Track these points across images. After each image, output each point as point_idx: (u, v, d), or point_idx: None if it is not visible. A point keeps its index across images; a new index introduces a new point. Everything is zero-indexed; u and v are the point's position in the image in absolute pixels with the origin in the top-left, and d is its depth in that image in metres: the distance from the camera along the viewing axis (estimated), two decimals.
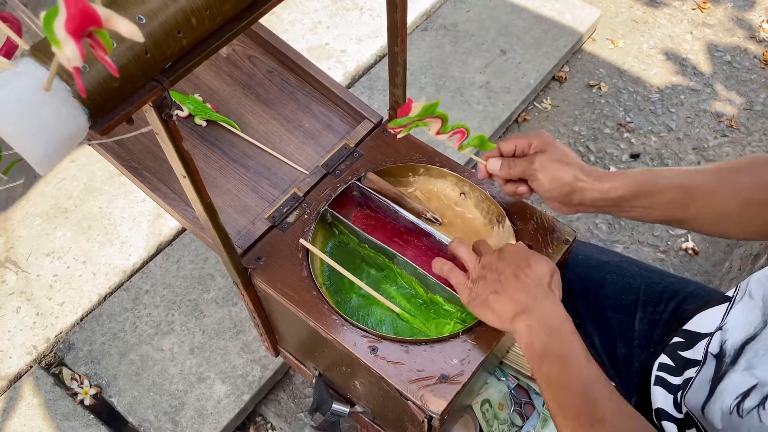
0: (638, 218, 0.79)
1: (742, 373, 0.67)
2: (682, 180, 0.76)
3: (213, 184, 0.91)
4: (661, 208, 0.76)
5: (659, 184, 0.76)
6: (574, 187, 0.76)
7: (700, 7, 2.34)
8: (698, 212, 0.75)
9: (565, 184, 0.76)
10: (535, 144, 0.79)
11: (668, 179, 0.76)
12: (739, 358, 0.69)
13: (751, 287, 0.75)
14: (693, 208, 0.75)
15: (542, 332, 0.68)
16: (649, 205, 0.76)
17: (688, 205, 0.75)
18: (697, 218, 0.76)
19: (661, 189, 0.75)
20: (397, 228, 0.89)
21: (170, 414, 1.38)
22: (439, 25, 2.11)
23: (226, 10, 0.51)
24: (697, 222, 0.76)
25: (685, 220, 0.76)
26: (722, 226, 0.76)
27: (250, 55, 1.02)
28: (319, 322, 0.78)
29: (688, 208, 0.75)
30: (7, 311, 1.48)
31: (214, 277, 1.55)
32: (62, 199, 1.65)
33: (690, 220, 0.76)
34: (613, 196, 0.76)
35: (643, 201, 0.76)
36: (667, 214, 0.77)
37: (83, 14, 0.33)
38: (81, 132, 0.45)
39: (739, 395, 0.65)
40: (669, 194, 0.75)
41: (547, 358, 0.67)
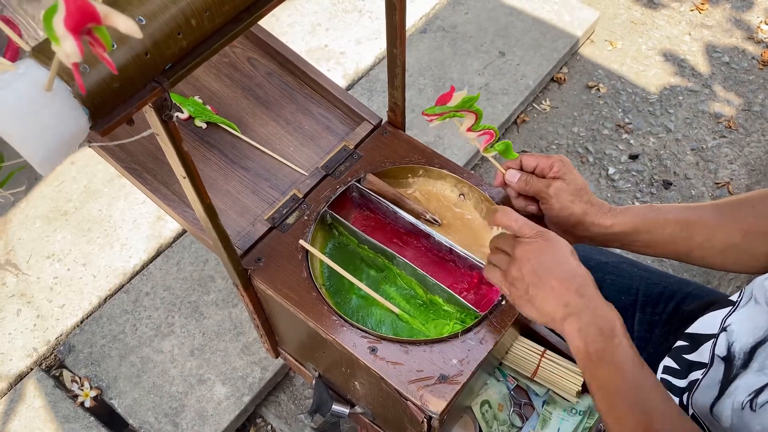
0: (644, 253, 0.81)
1: (754, 374, 0.68)
2: (682, 215, 0.78)
3: (213, 186, 0.91)
4: (663, 242, 0.78)
5: (659, 219, 0.78)
6: (581, 221, 0.78)
7: (698, 9, 2.34)
8: (701, 245, 0.77)
9: (573, 215, 0.77)
10: (555, 168, 0.79)
11: (669, 214, 0.78)
12: (750, 362, 0.69)
13: (755, 292, 0.75)
14: (695, 241, 0.77)
15: (595, 336, 0.65)
16: (651, 240, 0.78)
17: (689, 238, 0.77)
18: (702, 251, 0.77)
19: (661, 224, 0.77)
20: (397, 229, 0.89)
21: (171, 416, 1.38)
22: (438, 27, 2.12)
23: (225, 12, 0.52)
24: (703, 255, 0.78)
25: (688, 252, 0.78)
26: (730, 256, 0.77)
27: (249, 57, 1.03)
28: (318, 323, 0.78)
29: (689, 241, 0.77)
30: (7, 314, 1.48)
31: (214, 278, 1.55)
32: (62, 201, 1.65)
33: (694, 252, 0.78)
34: (616, 231, 0.78)
35: (645, 236, 0.78)
36: (671, 248, 0.78)
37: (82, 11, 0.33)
38: (82, 132, 0.45)
39: (752, 392, 0.66)
40: (669, 228, 0.77)
41: (603, 363, 0.65)
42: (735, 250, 0.76)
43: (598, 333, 0.65)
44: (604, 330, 0.65)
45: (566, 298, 0.66)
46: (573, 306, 0.66)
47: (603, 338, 0.65)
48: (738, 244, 0.76)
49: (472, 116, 0.78)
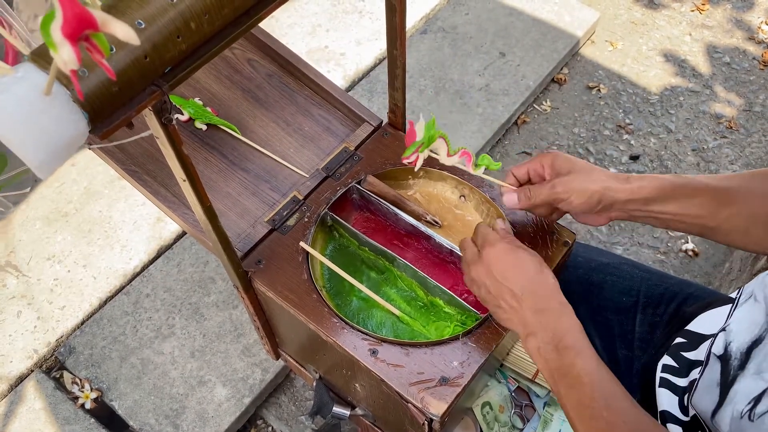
0: (669, 225, 0.76)
1: (752, 378, 0.67)
2: (713, 183, 0.74)
3: (213, 188, 0.91)
4: (691, 213, 0.74)
5: (688, 186, 0.74)
6: (603, 195, 0.74)
7: (698, 9, 2.34)
8: (729, 218, 0.73)
9: (594, 193, 0.74)
10: (548, 164, 0.77)
11: (698, 182, 0.74)
12: (747, 363, 0.69)
13: (755, 290, 0.75)
14: (724, 214, 0.73)
15: (552, 353, 0.67)
16: (678, 209, 0.74)
17: (718, 210, 0.73)
18: (729, 225, 0.73)
19: (690, 192, 0.73)
20: (397, 231, 0.89)
21: (171, 417, 1.38)
22: (438, 28, 2.11)
23: (225, 15, 0.52)
24: (728, 230, 0.74)
25: (715, 227, 0.74)
26: (754, 234, 0.73)
27: (249, 58, 1.02)
28: (319, 325, 0.78)
29: (718, 214, 0.73)
30: (7, 315, 1.48)
31: (215, 280, 1.55)
32: (62, 203, 1.65)
33: (720, 227, 0.74)
34: (642, 195, 0.73)
35: (672, 204, 0.74)
36: (698, 220, 0.74)
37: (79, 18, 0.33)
38: (81, 136, 0.45)
39: (751, 400, 0.65)
40: (699, 197, 0.73)
41: (563, 379, 0.66)
42: (760, 227, 0.73)
43: (554, 350, 0.67)
44: (559, 347, 0.67)
45: (524, 317, 0.69)
46: (530, 325, 0.69)
47: (559, 355, 0.66)
48: (764, 221, 0.72)
49: (442, 142, 0.76)
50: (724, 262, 1.76)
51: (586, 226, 1.82)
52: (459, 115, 1.90)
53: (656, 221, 0.76)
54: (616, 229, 1.82)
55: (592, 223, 0.79)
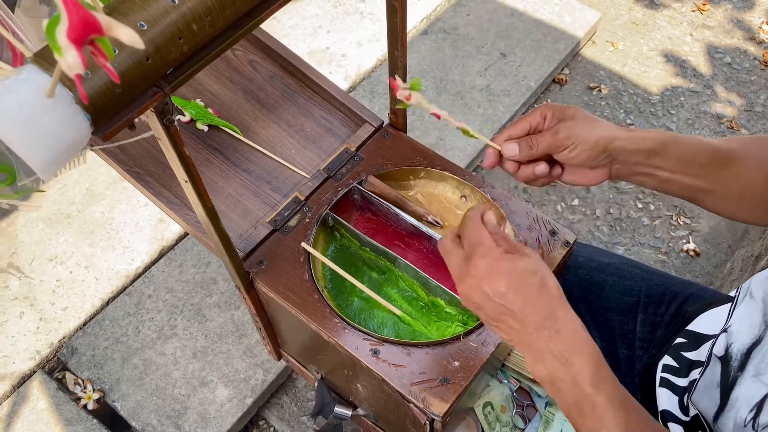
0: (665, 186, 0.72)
1: (751, 380, 0.67)
2: (713, 143, 0.71)
3: (215, 189, 0.92)
4: (689, 171, 0.70)
5: (690, 142, 0.71)
6: (609, 142, 0.69)
7: (699, 9, 2.34)
8: (726, 181, 0.70)
9: (601, 140, 0.68)
10: (549, 115, 0.71)
11: (699, 140, 0.71)
12: (747, 364, 0.69)
13: (752, 288, 0.75)
14: (721, 175, 0.70)
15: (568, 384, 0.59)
16: (679, 164, 0.70)
17: (717, 170, 0.70)
18: (725, 189, 0.71)
19: (692, 148, 0.70)
20: (398, 231, 0.89)
21: (173, 418, 1.38)
22: (439, 29, 2.12)
23: (227, 16, 0.52)
24: (723, 194, 0.71)
25: (711, 189, 0.71)
26: (747, 201, 0.71)
27: (251, 60, 1.03)
28: (321, 325, 0.78)
29: (716, 174, 0.70)
30: (10, 316, 1.48)
31: (217, 281, 1.55)
32: (65, 204, 1.65)
33: (716, 190, 0.71)
34: (647, 146, 0.69)
35: (673, 158, 0.70)
36: (695, 180, 0.71)
37: (84, 22, 0.33)
38: (84, 138, 0.45)
39: (753, 407, 0.65)
40: (700, 155, 0.70)
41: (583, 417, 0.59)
42: (753, 195, 0.71)
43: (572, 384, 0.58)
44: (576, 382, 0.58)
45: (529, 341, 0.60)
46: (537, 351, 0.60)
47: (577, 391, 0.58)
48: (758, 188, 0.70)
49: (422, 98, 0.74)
50: (725, 262, 1.76)
51: (587, 224, 1.82)
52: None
53: (653, 180, 0.72)
54: (617, 230, 1.83)
55: (586, 182, 0.73)
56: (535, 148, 0.70)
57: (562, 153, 0.70)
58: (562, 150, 0.70)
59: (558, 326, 0.58)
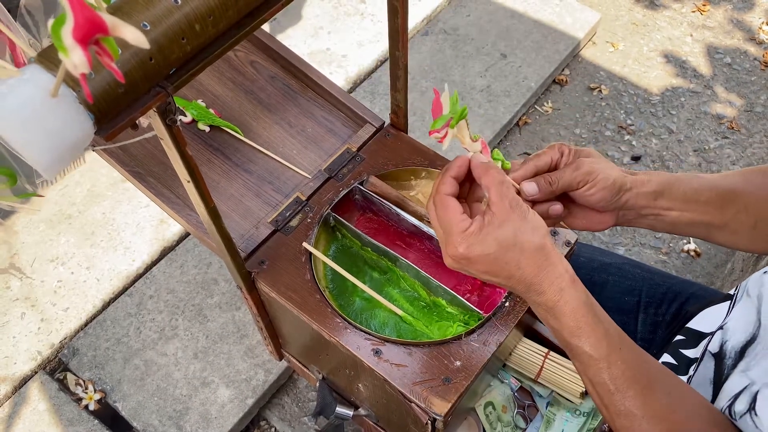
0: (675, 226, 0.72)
1: (739, 375, 0.67)
2: (716, 181, 0.71)
3: (216, 189, 0.92)
4: (698, 210, 0.71)
5: (692, 181, 0.71)
6: (623, 183, 0.68)
7: (699, 10, 2.34)
8: (736, 215, 0.70)
9: (617, 180, 0.68)
10: (567, 151, 0.70)
11: (701, 178, 0.71)
12: (740, 362, 0.69)
13: (749, 286, 0.75)
14: (731, 211, 0.70)
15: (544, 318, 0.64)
16: (685, 205, 0.70)
17: (725, 207, 0.70)
18: (736, 223, 0.71)
19: (694, 187, 0.70)
20: (400, 231, 0.89)
21: (174, 419, 1.38)
22: (440, 30, 2.12)
23: (229, 17, 0.52)
24: (736, 228, 0.71)
25: (722, 225, 0.71)
26: (763, 231, 0.71)
27: (252, 60, 1.03)
28: (322, 325, 0.78)
29: (725, 211, 0.70)
30: (11, 317, 1.48)
31: (218, 281, 1.55)
32: (66, 205, 1.66)
33: (728, 225, 0.71)
34: (651, 188, 0.70)
35: (679, 198, 0.70)
36: (705, 217, 0.71)
37: (90, 22, 0.33)
38: (87, 137, 0.45)
39: (731, 397, 0.65)
40: (705, 193, 0.70)
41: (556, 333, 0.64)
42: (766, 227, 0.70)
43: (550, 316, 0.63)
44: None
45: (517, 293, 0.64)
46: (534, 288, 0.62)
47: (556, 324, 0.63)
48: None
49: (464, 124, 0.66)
50: (726, 263, 1.76)
51: None
52: None
53: (662, 221, 0.72)
54: (618, 230, 1.83)
55: (596, 226, 0.73)
56: (555, 184, 0.68)
57: (580, 190, 0.69)
58: (582, 186, 0.68)
59: (543, 288, 0.61)
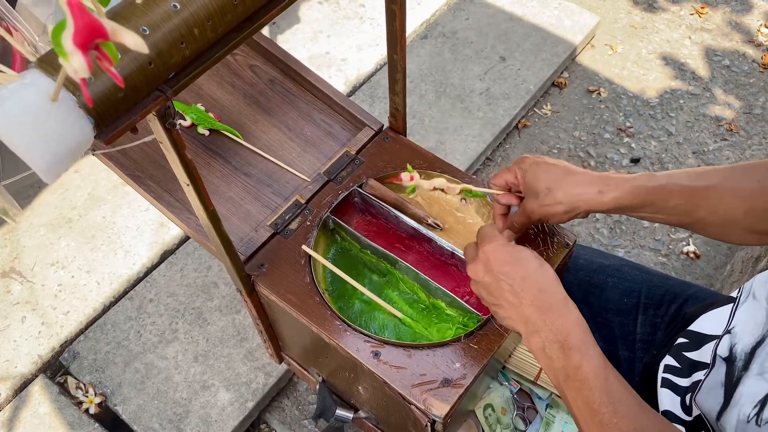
0: (645, 219, 0.78)
1: (755, 378, 0.67)
2: (687, 183, 0.74)
3: (216, 193, 0.92)
4: (667, 213, 0.75)
5: (663, 190, 0.74)
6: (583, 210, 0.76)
7: (698, 12, 2.35)
8: (705, 217, 0.73)
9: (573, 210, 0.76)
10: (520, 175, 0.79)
11: (672, 184, 0.74)
12: (751, 363, 0.69)
13: (754, 288, 0.75)
14: (699, 214, 0.73)
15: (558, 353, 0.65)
16: (654, 211, 0.75)
17: (693, 210, 0.73)
18: (705, 223, 0.74)
19: (665, 196, 0.74)
20: (399, 234, 0.90)
21: (175, 422, 1.38)
22: (439, 33, 2.12)
23: (228, 21, 0.52)
24: (705, 226, 0.75)
25: (691, 223, 0.75)
26: (731, 230, 0.74)
27: (251, 64, 1.03)
28: (322, 327, 0.78)
29: (693, 213, 0.73)
30: (12, 321, 1.48)
31: (218, 285, 1.55)
32: (66, 209, 1.66)
33: (696, 223, 0.75)
34: (619, 205, 0.75)
35: (647, 208, 0.75)
36: (674, 219, 0.75)
37: (90, 27, 0.34)
38: (87, 141, 0.45)
39: (757, 403, 0.65)
40: (674, 200, 0.73)
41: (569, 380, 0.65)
42: (736, 225, 0.73)
43: (560, 350, 0.65)
44: (564, 346, 0.65)
45: (525, 314, 0.68)
46: (532, 323, 0.67)
47: (564, 355, 0.64)
48: (739, 221, 0.72)
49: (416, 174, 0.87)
50: (725, 264, 1.76)
51: (587, 226, 1.82)
52: (460, 119, 1.90)
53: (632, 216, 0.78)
54: (618, 232, 1.83)
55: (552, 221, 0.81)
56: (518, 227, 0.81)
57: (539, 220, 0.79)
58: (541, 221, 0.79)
59: (551, 300, 0.67)
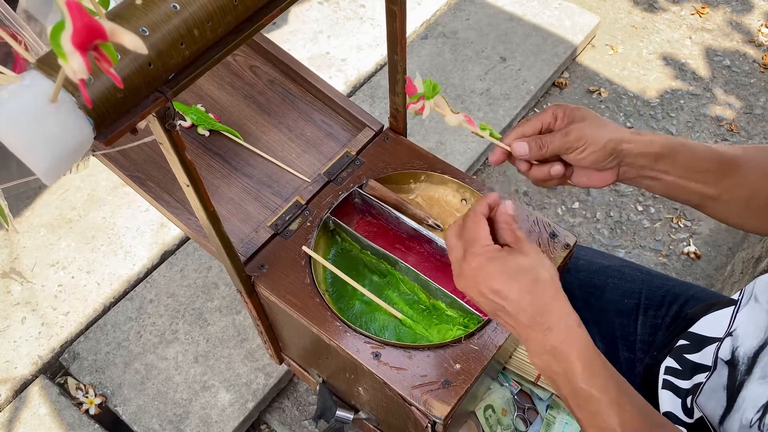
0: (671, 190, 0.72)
1: (758, 383, 0.67)
2: (719, 149, 0.71)
3: (216, 193, 0.92)
4: (696, 179, 0.71)
5: (697, 148, 0.71)
6: (618, 144, 0.69)
7: (698, 12, 2.35)
8: (732, 188, 0.70)
9: (609, 142, 0.69)
10: (561, 115, 0.71)
11: (705, 147, 0.71)
12: (754, 367, 0.69)
13: (756, 291, 0.75)
14: (727, 182, 0.70)
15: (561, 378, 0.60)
16: (685, 170, 0.70)
17: (722, 176, 0.70)
18: (730, 195, 0.71)
19: (699, 154, 0.70)
20: (399, 234, 0.90)
21: (175, 422, 1.38)
22: (439, 33, 2.12)
23: (227, 22, 0.52)
24: (728, 200, 0.71)
25: (716, 195, 0.71)
26: (754, 208, 0.71)
27: (251, 65, 1.03)
28: (322, 328, 0.78)
29: (722, 181, 0.70)
30: (12, 322, 1.48)
31: (218, 285, 1.55)
32: (66, 209, 1.66)
33: (721, 197, 0.71)
34: (654, 150, 0.70)
35: (680, 163, 0.70)
36: (700, 186, 0.71)
37: (89, 28, 0.34)
38: (86, 142, 0.45)
39: (759, 408, 0.65)
40: (706, 161, 0.70)
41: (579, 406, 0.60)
42: (759, 203, 0.70)
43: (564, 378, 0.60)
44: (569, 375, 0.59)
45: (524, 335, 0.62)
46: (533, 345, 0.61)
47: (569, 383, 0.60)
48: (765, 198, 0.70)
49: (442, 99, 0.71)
50: (725, 265, 1.76)
51: (588, 226, 1.82)
52: None
53: (660, 184, 0.73)
54: (618, 232, 1.83)
55: (594, 183, 0.73)
56: (545, 148, 0.71)
57: (571, 155, 0.71)
58: (572, 152, 0.70)
59: (550, 323, 0.60)
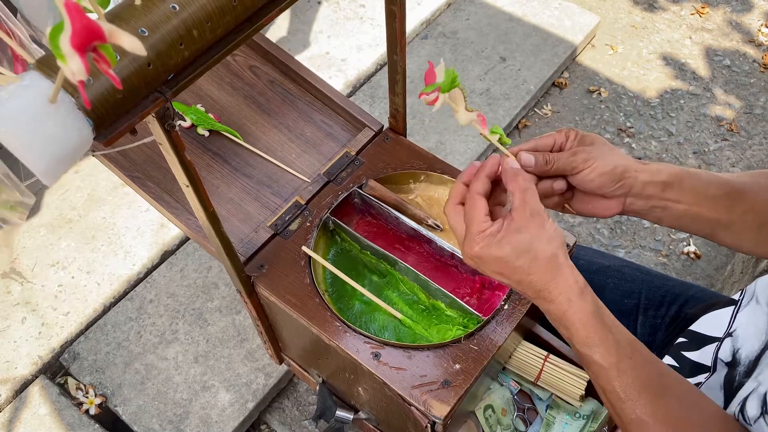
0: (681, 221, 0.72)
1: (751, 382, 0.67)
2: (725, 178, 0.71)
3: (216, 193, 0.92)
4: (704, 206, 0.70)
5: (703, 175, 0.70)
6: (625, 171, 0.69)
7: (698, 12, 2.35)
8: (744, 214, 0.70)
9: (617, 167, 0.68)
10: (572, 136, 0.71)
11: (711, 175, 0.71)
12: (755, 370, 0.69)
13: (757, 292, 0.75)
14: (738, 210, 0.70)
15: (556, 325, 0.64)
16: (694, 199, 0.70)
17: (733, 205, 0.70)
18: (743, 222, 0.70)
19: (705, 181, 0.70)
20: (399, 235, 0.90)
21: (175, 423, 1.38)
22: (439, 33, 2.12)
23: (227, 22, 0.52)
24: (742, 228, 0.71)
25: (729, 223, 0.71)
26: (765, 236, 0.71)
27: (251, 65, 1.03)
28: (322, 328, 0.78)
29: (733, 209, 0.70)
30: (12, 322, 1.48)
31: (218, 285, 1.55)
32: (66, 209, 1.66)
33: (734, 224, 0.71)
34: (661, 179, 0.69)
35: (688, 192, 0.70)
36: (712, 214, 0.71)
37: (87, 30, 0.34)
38: (86, 143, 0.45)
39: (740, 401, 0.65)
40: (714, 190, 0.70)
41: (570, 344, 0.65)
42: None
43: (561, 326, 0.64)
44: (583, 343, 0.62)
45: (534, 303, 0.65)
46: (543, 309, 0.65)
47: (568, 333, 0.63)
48: None
49: (460, 93, 0.68)
50: (725, 265, 1.76)
51: (588, 226, 1.82)
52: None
53: (669, 215, 0.72)
54: (618, 232, 1.83)
55: (598, 212, 0.73)
56: (550, 164, 0.70)
57: (577, 176, 0.70)
58: (578, 172, 0.69)
59: (552, 296, 0.63)
